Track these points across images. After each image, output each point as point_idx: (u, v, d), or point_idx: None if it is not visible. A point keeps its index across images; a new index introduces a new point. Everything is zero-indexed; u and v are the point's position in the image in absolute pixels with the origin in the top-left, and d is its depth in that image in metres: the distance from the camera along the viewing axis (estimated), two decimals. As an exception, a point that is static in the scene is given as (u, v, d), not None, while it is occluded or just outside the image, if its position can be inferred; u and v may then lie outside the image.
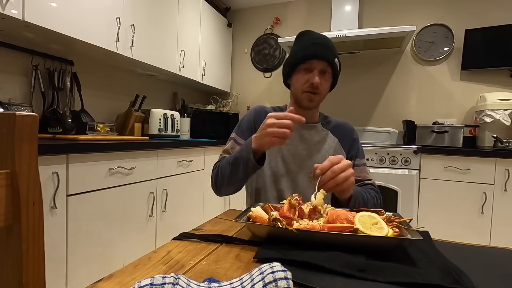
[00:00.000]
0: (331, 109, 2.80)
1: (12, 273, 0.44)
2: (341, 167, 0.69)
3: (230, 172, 0.83)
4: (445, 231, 1.99)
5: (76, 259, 1.30)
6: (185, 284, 0.36)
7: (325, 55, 0.89)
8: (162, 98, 2.76)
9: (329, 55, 0.89)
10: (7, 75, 1.58)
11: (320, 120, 1.02)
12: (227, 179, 0.85)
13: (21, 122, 0.42)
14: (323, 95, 0.94)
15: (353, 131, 1.02)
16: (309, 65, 0.90)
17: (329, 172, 0.68)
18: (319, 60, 0.89)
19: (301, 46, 0.92)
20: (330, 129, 1.00)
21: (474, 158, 1.95)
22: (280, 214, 0.58)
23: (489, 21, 2.35)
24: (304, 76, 0.91)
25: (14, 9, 1.27)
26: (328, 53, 0.90)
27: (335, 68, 0.92)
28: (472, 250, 0.59)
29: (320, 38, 0.93)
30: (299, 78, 0.93)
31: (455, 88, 2.51)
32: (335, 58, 0.91)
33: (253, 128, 0.98)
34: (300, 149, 0.96)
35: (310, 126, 0.99)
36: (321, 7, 2.90)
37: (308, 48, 0.90)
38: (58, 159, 1.21)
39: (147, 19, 2.03)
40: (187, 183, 2.07)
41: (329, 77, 0.93)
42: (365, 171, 0.97)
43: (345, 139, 1.00)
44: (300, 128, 0.98)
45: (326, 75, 0.91)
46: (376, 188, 0.93)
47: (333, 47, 0.93)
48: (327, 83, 0.93)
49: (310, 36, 0.94)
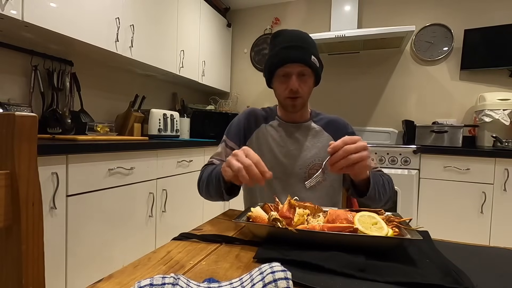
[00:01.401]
0: (331, 109, 2.80)
1: (12, 274, 0.44)
2: (356, 147, 0.64)
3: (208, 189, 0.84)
4: (445, 231, 1.99)
5: (75, 259, 1.29)
6: (185, 285, 0.36)
7: (299, 57, 0.86)
8: (161, 98, 2.76)
9: (303, 57, 0.87)
10: (7, 76, 1.58)
11: (312, 117, 1.01)
12: (205, 192, 0.87)
13: (20, 122, 0.42)
14: (305, 97, 0.92)
15: (347, 125, 1.01)
16: (285, 70, 0.88)
17: (341, 151, 0.64)
18: (294, 63, 0.87)
19: (275, 50, 0.90)
20: (323, 125, 0.99)
21: (474, 158, 1.95)
22: (280, 214, 0.58)
23: (489, 21, 2.36)
24: (282, 83, 0.90)
25: (13, 9, 1.27)
26: (302, 54, 0.87)
27: (314, 66, 0.89)
28: (471, 250, 0.59)
29: (293, 39, 0.89)
30: (278, 86, 0.92)
31: (454, 88, 2.51)
32: (311, 57, 0.88)
33: (242, 133, 0.98)
34: (293, 150, 0.95)
35: (300, 125, 0.98)
36: (320, 7, 2.90)
37: (281, 52, 0.88)
38: (57, 160, 1.21)
39: (147, 19, 2.02)
40: (187, 183, 2.07)
41: (308, 77, 0.90)
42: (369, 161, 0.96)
43: (340, 134, 0.97)
44: (291, 128, 0.97)
45: (305, 76, 0.89)
46: (387, 175, 0.90)
47: (309, 44, 0.90)
48: (307, 84, 0.91)
49: (283, 38, 0.91)
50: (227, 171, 0.69)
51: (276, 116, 1.01)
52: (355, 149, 0.64)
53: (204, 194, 0.89)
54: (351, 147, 0.64)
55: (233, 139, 0.98)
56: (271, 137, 0.97)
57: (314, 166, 0.93)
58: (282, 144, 0.96)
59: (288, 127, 0.98)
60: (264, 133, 0.98)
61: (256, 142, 0.97)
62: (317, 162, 0.93)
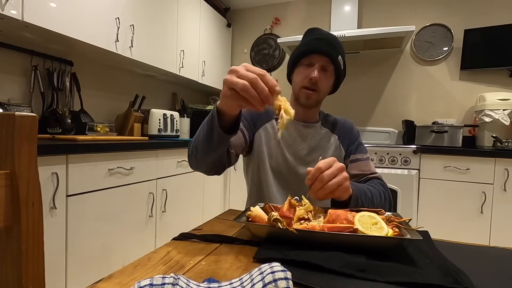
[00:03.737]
0: (330, 109, 2.80)
1: (12, 274, 0.44)
2: (330, 173, 0.63)
3: (201, 144, 0.72)
4: (445, 231, 1.99)
5: (75, 259, 1.29)
6: (185, 285, 0.36)
7: (327, 50, 0.87)
8: (161, 98, 2.76)
9: (331, 51, 0.87)
10: (7, 76, 1.58)
11: (321, 119, 1.02)
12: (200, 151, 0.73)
13: (20, 122, 0.42)
14: (322, 93, 0.91)
15: (353, 127, 1.02)
16: (310, 60, 0.88)
17: (317, 182, 0.63)
18: (320, 55, 0.87)
19: (305, 40, 0.92)
20: (330, 127, 1.00)
21: (474, 158, 1.95)
22: (280, 214, 0.58)
23: (488, 21, 2.36)
24: (304, 71, 0.90)
25: (13, 9, 1.27)
26: (330, 49, 0.88)
27: (338, 65, 0.89)
28: (471, 250, 0.59)
29: (326, 34, 0.91)
30: (299, 73, 0.91)
31: (454, 88, 2.51)
32: (339, 56, 0.89)
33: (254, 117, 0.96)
34: (300, 149, 0.96)
35: (310, 125, 0.98)
36: (320, 7, 2.90)
37: (310, 43, 0.89)
38: (57, 160, 1.21)
39: (147, 19, 2.03)
40: (187, 184, 2.07)
41: (330, 75, 0.90)
42: (369, 165, 0.95)
43: (345, 136, 0.99)
44: (301, 127, 0.97)
45: (327, 72, 0.89)
46: (383, 181, 0.90)
47: (339, 45, 0.91)
48: (327, 81, 0.90)
49: (316, 32, 0.93)
50: (226, 95, 0.56)
51: None
52: (331, 175, 0.63)
53: (197, 156, 0.75)
54: (327, 173, 0.62)
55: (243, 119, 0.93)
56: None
57: None
58: (290, 142, 0.95)
59: (297, 125, 0.97)
60: (274, 128, 0.96)
61: (265, 135, 0.96)
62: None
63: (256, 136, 0.96)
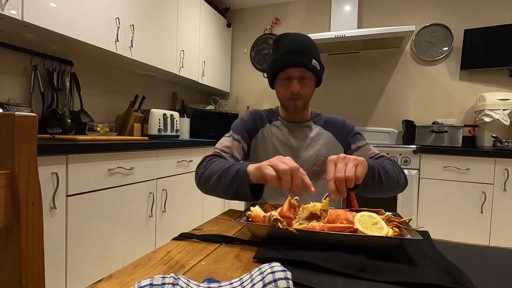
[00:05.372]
0: (331, 109, 2.81)
1: (12, 274, 0.44)
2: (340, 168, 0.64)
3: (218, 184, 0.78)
4: (445, 231, 1.99)
5: (75, 259, 1.29)
6: (185, 285, 0.36)
7: (300, 62, 0.90)
8: (161, 98, 2.76)
9: (304, 61, 0.90)
10: (6, 76, 1.58)
11: (312, 118, 1.04)
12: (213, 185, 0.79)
13: (20, 122, 0.42)
14: (307, 98, 0.96)
15: (344, 121, 1.04)
16: (287, 74, 0.92)
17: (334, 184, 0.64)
18: (295, 67, 0.90)
19: (277, 55, 0.93)
20: (322, 125, 1.02)
21: (474, 158, 1.95)
22: (280, 214, 0.58)
23: (488, 21, 2.36)
24: (284, 85, 0.94)
25: (13, 9, 1.27)
26: (303, 59, 0.90)
27: (315, 69, 0.92)
28: (471, 250, 0.59)
29: (294, 43, 0.92)
30: (280, 88, 0.96)
31: (454, 88, 2.51)
32: (312, 60, 0.91)
33: (248, 130, 1.00)
34: (296, 147, 0.98)
35: (303, 124, 1.01)
36: (320, 7, 2.90)
37: (281, 59, 0.91)
38: (57, 160, 1.21)
39: (147, 19, 2.02)
40: (187, 183, 2.07)
41: (310, 80, 0.94)
42: (372, 149, 0.97)
43: (339, 131, 1.01)
44: (294, 128, 1.01)
45: (306, 79, 0.93)
46: (390, 158, 0.91)
47: (311, 47, 0.93)
48: (308, 86, 0.94)
49: (285, 43, 0.93)
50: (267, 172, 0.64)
51: (278, 116, 1.04)
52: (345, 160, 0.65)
53: (208, 187, 0.81)
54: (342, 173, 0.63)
55: (239, 133, 0.99)
56: (275, 135, 1.00)
57: (317, 162, 0.97)
58: (285, 142, 0.99)
59: (290, 126, 1.01)
60: (269, 132, 1.01)
61: (261, 140, 1.00)
62: (319, 159, 0.96)
63: (253, 142, 1.01)
